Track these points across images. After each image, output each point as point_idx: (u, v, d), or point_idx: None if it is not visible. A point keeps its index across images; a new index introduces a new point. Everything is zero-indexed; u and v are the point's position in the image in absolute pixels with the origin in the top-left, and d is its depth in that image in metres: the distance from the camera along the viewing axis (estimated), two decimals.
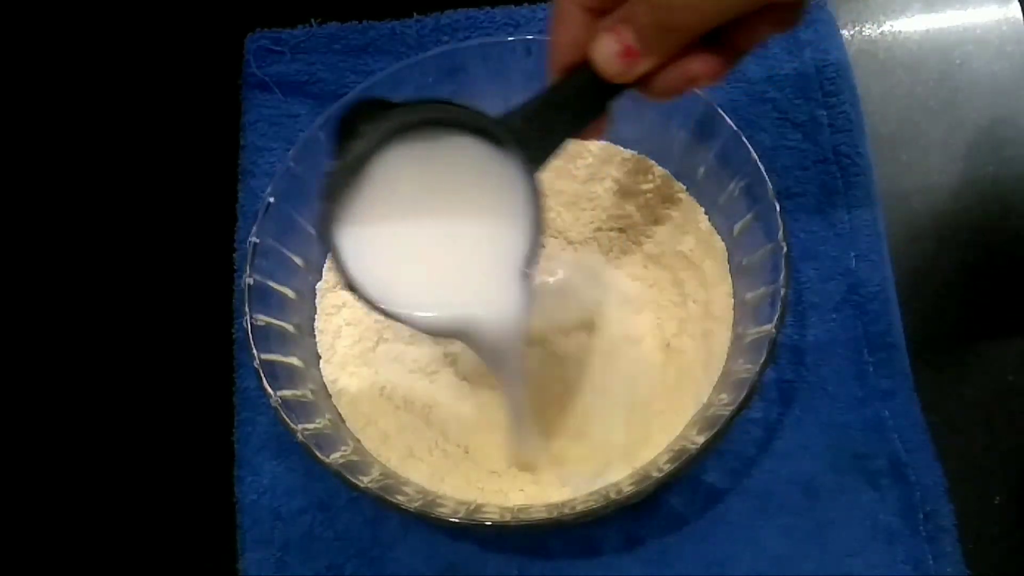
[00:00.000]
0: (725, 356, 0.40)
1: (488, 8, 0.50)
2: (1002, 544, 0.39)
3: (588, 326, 0.42)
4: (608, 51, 0.29)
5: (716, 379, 0.39)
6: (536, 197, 0.31)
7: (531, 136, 0.30)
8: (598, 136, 0.33)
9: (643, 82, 0.30)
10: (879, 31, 0.50)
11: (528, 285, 0.32)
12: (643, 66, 0.29)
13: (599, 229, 0.44)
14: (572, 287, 0.43)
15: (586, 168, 0.45)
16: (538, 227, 0.31)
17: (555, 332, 0.42)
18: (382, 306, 0.31)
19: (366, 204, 0.30)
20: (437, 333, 0.33)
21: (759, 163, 0.39)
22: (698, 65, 0.29)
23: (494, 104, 0.44)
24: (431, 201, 0.31)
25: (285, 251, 0.41)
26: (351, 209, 0.30)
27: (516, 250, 0.31)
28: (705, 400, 0.39)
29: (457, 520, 0.35)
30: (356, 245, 0.30)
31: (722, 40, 0.29)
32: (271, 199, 0.40)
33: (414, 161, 0.30)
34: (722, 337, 0.40)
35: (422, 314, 0.31)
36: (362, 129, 0.29)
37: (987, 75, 0.49)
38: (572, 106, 0.31)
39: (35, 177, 0.50)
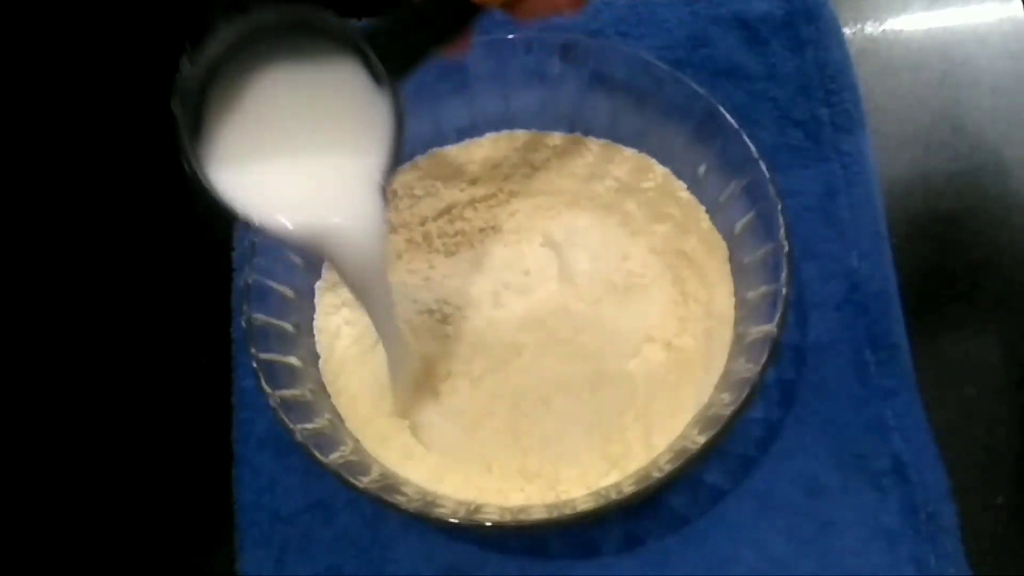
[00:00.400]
0: (726, 355, 0.39)
1: None
2: (1005, 544, 0.39)
3: (588, 326, 0.42)
4: None
5: (717, 379, 0.39)
6: (396, 110, 0.31)
7: (393, 49, 0.30)
8: (460, 52, 0.33)
9: (508, 4, 0.30)
10: (881, 29, 0.50)
11: (384, 198, 0.31)
12: None
13: (599, 228, 0.44)
14: (571, 286, 0.43)
15: (587, 166, 0.45)
16: (397, 140, 0.31)
17: (555, 331, 0.42)
18: (238, 212, 0.30)
19: (227, 112, 0.30)
20: (296, 244, 0.32)
21: (760, 162, 0.39)
22: None
23: (494, 101, 0.44)
24: (292, 111, 0.31)
25: (284, 250, 0.41)
26: (212, 117, 0.30)
27: (374, 162, 0.31)
28: (706, 400, 0.39)
29: (456, 520, 0.35)
30: (217, 153, 0.30)
31: None
32: None
33: (276, 70, 0.30)
34: (723, 336, 0.40)
35: (278, 222, 0.31)
36: (219, 29, 0.28)
37: (989, 73, 0.49)
38: (436, 21, 0.31)
39: (34, 175, 0.50)
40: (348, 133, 0.31)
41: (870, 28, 0.50)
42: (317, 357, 0.42)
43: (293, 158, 0.31)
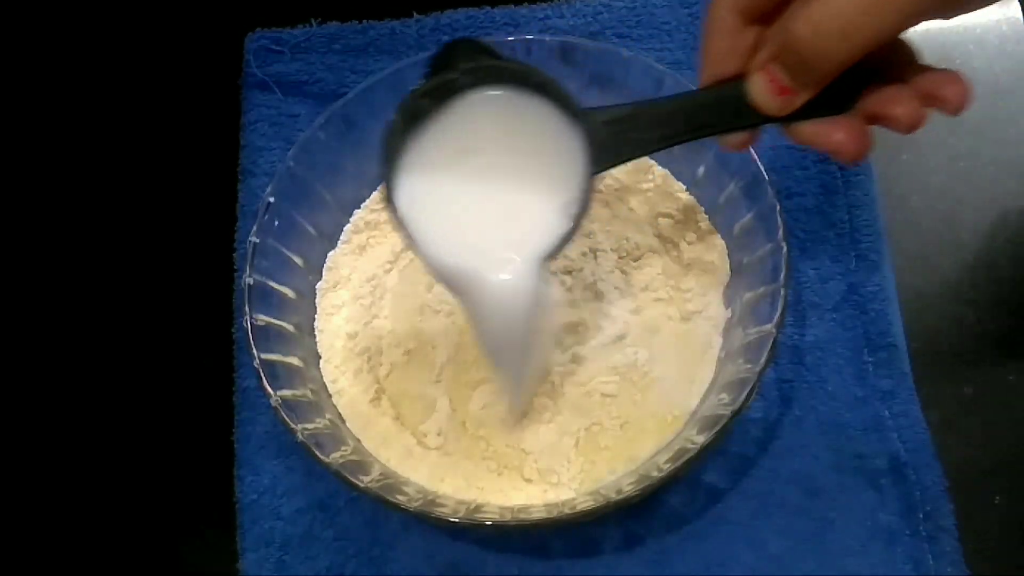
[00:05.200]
0: (725, 355, 0.40)
1: (488, 8, 0.50)
2: (1002, 543, 0.39)
3: (585, 324, 0.42)
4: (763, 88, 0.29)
5: (715, 378, 0.39)
6: (586, 197, 0.31)
7: (608, 138, 0.31)
8: (743, 147, 0.34)
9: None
10: None
11: (543, 277, 0.32)
12: (799, 101, 0.29)
13: (598, 227, 0.44)
14: (570, 286, 0.43)
15: None
16: (575, 225, 0.31)
17: (553, 331, 0.42)
18: (406, 228, 0.31)
19: (435, 136, 0.31)
20: (443, 277, 0.33)
21: (759, 163, 0.39)
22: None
23: None
24: (492, 158, 0.32)
25: (285, 251, 0.41)
26: (421, 134, 0.31)
27: (546, 238, 0.31)
28: (702, 399, 0.39)
29: (457, 520, 0.35)
30: (411, 170, 0.31)
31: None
32: (271, 199, 0.40)
33: (493, 114, 0.31)
34: (722, 336, 0.40)
35: (437, 252, 0.32)
36: (459, 65, 0.30)
37: (987, 75, 0.49)
38: (667, 125, 0.31)
39: (36, 177, 0.50)
40: (532, 200, 0.32)
41: None
42: (318, 357, 0.42)
43: (476, 201, 0.32)
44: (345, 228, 0.44)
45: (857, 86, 0.29)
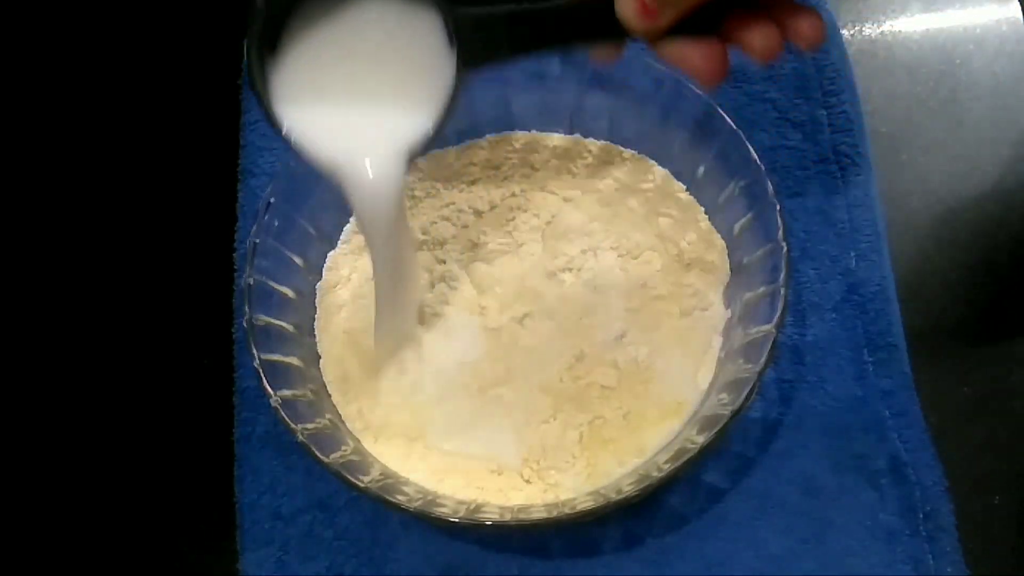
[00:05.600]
0: (725, 355, 0.40)
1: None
2: (1002, 543, 0.39)
3: (587, 324, 0.42)
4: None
5: (714, 378, 0.39)
6: (453, 94, 0.32)
7: (478, 39, 0.31)
8: (610, 60, 0.35)
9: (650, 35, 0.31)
10: (879, 31, 0.50)
11: (405, 167, 0.33)
12: (662, 21, 0.30)
13: (598, 226, 0.44)
14: (570, 285, 0.43)
15: (586, 167, 0.45)
16: (440, 123, 0.32)
17: (552, 331, 0.42)
18: (274, 116, 0.32)
19: (304, 28, 0.32)
20: (318, 165, 0.33)
21: (759, 163, 0.39)
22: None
23: (494, 103, 0.45)
24: (362, 51, 0.32)
25: (285, 251, 0.41)
26: (294, 32, 0.32)
27: (410, 133, 0.32)
28: (703, 399, 0.39)
29: (457, 520, 0.35)
30: (282, 60, 0.32)
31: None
32: (271, 199, 0.40)
33: (363, 6, 0.32)
34: (721, 336, 0.40)
35: (307, 139, 0.32)
36: None
37: (987, 75, 0.49)
38: (538, 30, 0.32)
39: (36, 177, 0.50)
40: (401, 96, 0.32)
41: (868, 29, 0.50)
42: (318, 357, 0.42)
43: (346, 94, 0.33)
44: (345, 228, 0.44)
45: (721, 11, 0.30)
